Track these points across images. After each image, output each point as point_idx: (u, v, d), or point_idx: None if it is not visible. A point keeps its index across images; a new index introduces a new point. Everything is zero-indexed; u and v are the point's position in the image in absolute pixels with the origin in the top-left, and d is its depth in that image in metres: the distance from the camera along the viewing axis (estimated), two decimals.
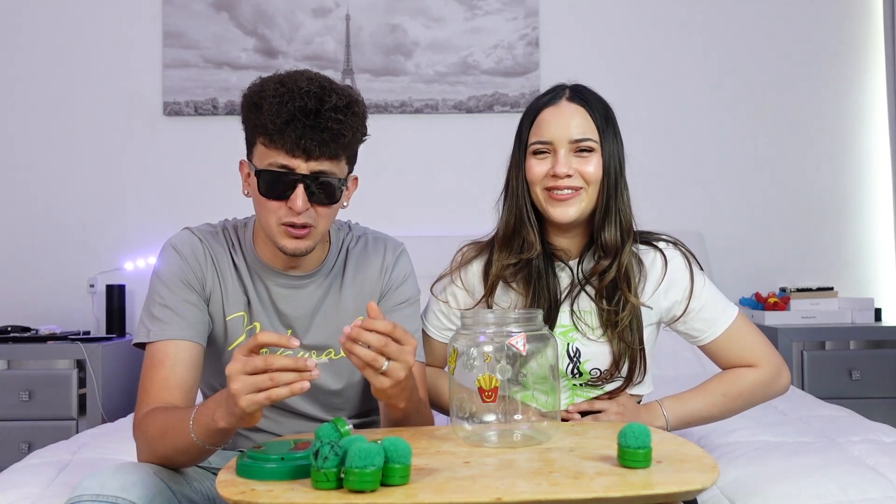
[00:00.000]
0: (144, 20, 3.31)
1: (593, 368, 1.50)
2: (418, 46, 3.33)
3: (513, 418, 1.17)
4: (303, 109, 1.24)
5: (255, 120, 1.28)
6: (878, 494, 1.42)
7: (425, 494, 0.93)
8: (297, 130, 1.24)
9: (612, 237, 1.47)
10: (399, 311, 1.47)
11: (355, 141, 1.33)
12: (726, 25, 3.35)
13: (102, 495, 1.13)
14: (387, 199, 3.23)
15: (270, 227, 1.33)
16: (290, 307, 1.43)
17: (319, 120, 1.24)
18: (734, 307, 1.56)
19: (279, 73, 1.32)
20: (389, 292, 1.47)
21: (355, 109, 1.29)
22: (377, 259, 1.48)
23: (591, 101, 1.49)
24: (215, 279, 1.41)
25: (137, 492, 1.15)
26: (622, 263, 1.47)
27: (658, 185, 3.27)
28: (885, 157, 3.32)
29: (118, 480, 1.16)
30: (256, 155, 1.32)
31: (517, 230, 1.51)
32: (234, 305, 1.41)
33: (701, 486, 0.95)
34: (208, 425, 1.14)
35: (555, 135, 1.46)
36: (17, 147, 3.31)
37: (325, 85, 1.28)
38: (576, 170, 1.45)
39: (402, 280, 1.48)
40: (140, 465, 1.23)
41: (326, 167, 1.29)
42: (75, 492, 1.17)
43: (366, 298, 1.45)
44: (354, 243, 1.49)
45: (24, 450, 2.65)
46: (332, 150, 1.27)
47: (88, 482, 1.17)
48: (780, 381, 1.56)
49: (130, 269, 3.25)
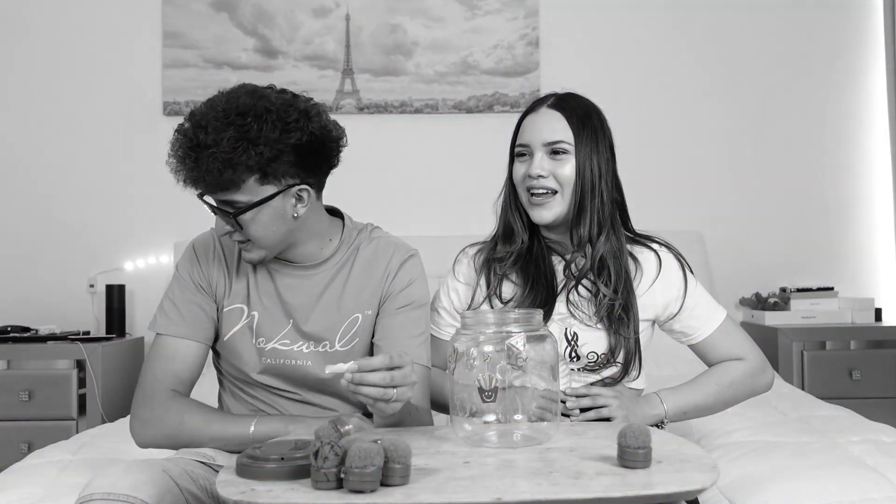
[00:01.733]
0: (144, 20, 3.31)
1: (590, 352, 1.54)
2: (418, 46, 3.33)
3: (513, 418, 1.17)
4: (183, 152, 1.31)
5: None
6: (878, 494, 1.42)
7: (425, 494, 0.93)
8: (182, 173, 1.32)
9: (585, 232, 1.55)
10: (403, 313, 1.47)
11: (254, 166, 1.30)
12: (726, 26, 3.35)
13: (114, 493, 1.13)
14: (387, 199, 3.23)
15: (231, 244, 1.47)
16: (293, 296, 1.47)
17: (199, 161, 1.29)
18: (722, 307, 1.64)
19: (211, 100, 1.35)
20: (392, 295, 1.47)
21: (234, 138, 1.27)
22: (383, 262, 1.49)
23: (569, 108, 1.57)
24: (221, 274, 1.49)
25: (148, 490, 1.15)
26: (595, 256, 1.54)
27: (658, 185, 3.27)
28: (885, 157, 3.32)
29: (129, 479, 1.16)
30: None
31: (510, 226, 1.61)
32: (234, 298, 1.48)
33: (701, 486, 0.95)
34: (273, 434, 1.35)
35: (530, 138, 1.56)
36: (18, 147, 3.31)
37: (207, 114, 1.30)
38: (550, 172, 1.54)
39: (406, 283, 1.48)
40: (150, 464, 1.23)
41: (226, 197, 1.33)
42: (86, 490, 1.17)
43: (366, 298, 1.47)
44: (367, 244, 1.51)
45: (24, 450, 2.65)
46: (222, 184, 1.31)
47: (99, 481, 1.17)
48: (766, 374, 1.63)
49: (130, 269, 3.25)
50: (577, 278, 1.56)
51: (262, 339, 1.46)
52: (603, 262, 1.54)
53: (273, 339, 1.46)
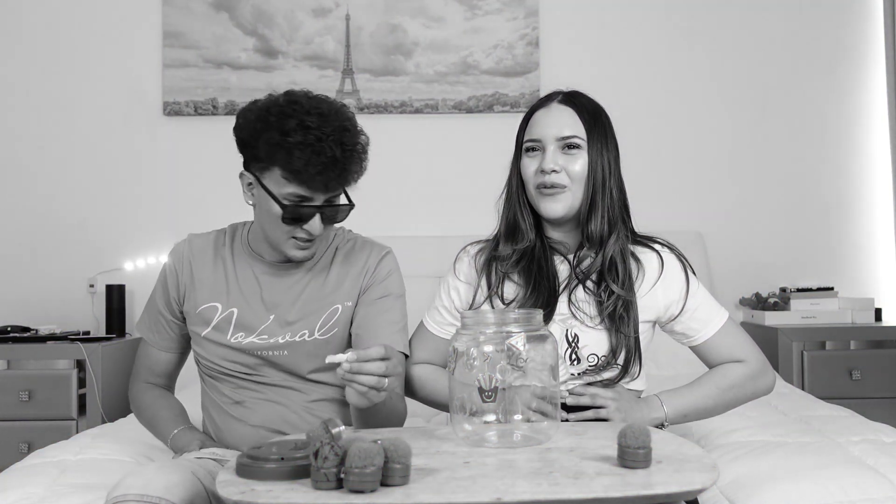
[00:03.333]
0: (144, 20, 3.31)
1: (591, 354, 1.54)
2: (418, 46, 3.33)
3: (513, 418, 1.17)
4: (332, 161, 1.37)
5: (282, 160, 1.38)
6: (878, 494, 1.43)
7: (425, 494, 0.93)
8: (324, 176, 1.38)
9: (597, 228, 1.55)
10: (382, 302, 1.56)
11: (364, 168, 1.48)
12: (726, 26, 3.34)
13: (147, 495, 1.14)
14: (387, 199, 3.23)
15: (279, 240, 1.48)
16: (274, 292, 1.54)
17: (345, 166, 1.40)
18: (724, 309, 1.63)
19: (291, 99, 1.42)
20: (373, 286, 1.57)
21: (363, 141, 1.45)
22: (362, 258, 1.60)
23: (579, 104, 1.58)
24: (190, 278, 1.58)
25: (180, 493, 1.17)
26: (607, 254, 1.54)
27: (658, 185, 3.27)
28: (885, 157, 3.32)
29: (162, 480, 1.17)
30: (271, 180, 1.43)
31: (515, 224, 1.60)
32: (210, 296, 1.56)
33: (701, 486, 0.95)
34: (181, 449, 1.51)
35: (543, 133, 1.56)
36: (18, 147, 3.31)
37: (345, 126, 1.41)
38: (563, 167, 1.54)
39: (384, 276, 1.59)
40: (181, 465, 1.25)
41: (339, 191, 1.46)
42: (118, 490, 1.17)
43: (345, 290, 1.56)
44: (344, 243, 1.62)
45: (24, 450, 2.65)
46: (348, 183, 1.45)
47: (132, 480, 1.17)
48: (767, 377, 1.61)
49: (130, 269, 3.25)
50: (584, 277, 1.55)
51: (240, 335, 1.53)
52: (612, 261, 1.54)
53: (253, 332, 1.53)
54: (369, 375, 1.18)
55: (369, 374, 1.18)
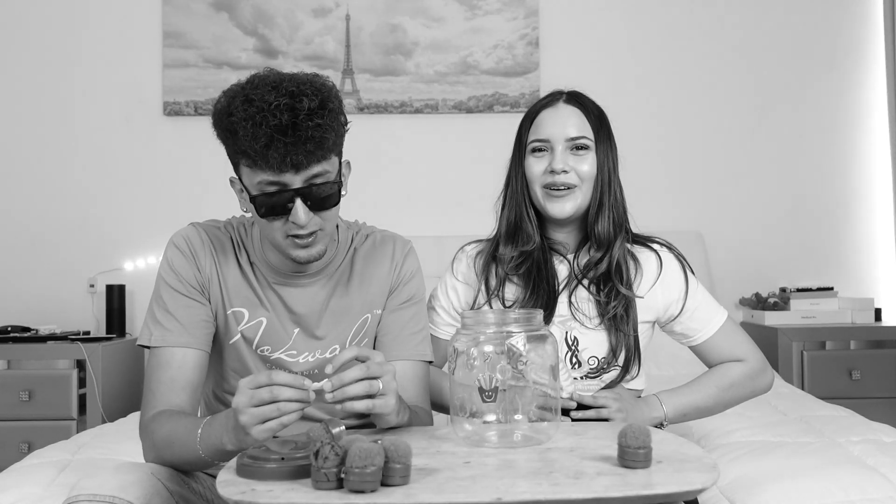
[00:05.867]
0: (144, 20, 3.31)
1: (591, 357, 1.54)
2: (418, 46, 3.33)
3: (513, 418, 1.17)
4: (279, 128, 1.18)
5: (234, 146, 1.24)
6: (878, 494, 1.43)
7: (425, 494, 0.93)
8: (279, 150, 1.19)
9: (605, 229, 1.54)
10: (406, 309, 1.46)
11: (339, 136, 1.27)
12: (726, 26, 3.34)
13: (99, 495, 1.14)
14: (387, 198, 3.23)
15: (278, 242, 1.31)
16: (298, 305, 1.40)
17: (299, 132, 1.19)
18: (723, 308, 1.63)
19: (240, 83, 1.27)
20: (398, 288, 1.46)
21: (330, 106, 1.22)
22: (386, 257, 1.46)
23: (586, 104, 1.57)
24: (214, 270, 1.38)
25: (135, 491, 1.15)
26: (613, 256, 1.54)
27: (658, 185, 3.27)
28: (885, 157, 3.32)
29: (116, 480, 1.16)
30: (244, 175, 1.28)
31: (518, 225, 1.58)
32: (237, 300, 1.39)
33: (701, 486, 0.95)
34: (217, 447, 1.16)
35: (552, 133, 1.54)
36: (18, 147, 3.31)
37: (293, 90, 1.20)
38: (572, 167, 1.53)
39: (409, 277, 1.47)
40: (139, 465, 1.23)
41: (318, 170, 1.24)
42: (73, 491, 1.18)
43: (374, 296, 1.44)
44: (363, 242, 1.48)
45: (24, 450, 2.65)
46: (320, 156, 1.23)
47: (87, 482, 1.18)
48: (766, 376, 1.62)
49: (130, 269, 3.25)
50: (583, 277, 1.55)
51: (267, 348, 1.39)
52: (619, 263, 1.54)
53: (279, 348, 1.39)
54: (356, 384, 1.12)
55: (354, 381, 1.12)
